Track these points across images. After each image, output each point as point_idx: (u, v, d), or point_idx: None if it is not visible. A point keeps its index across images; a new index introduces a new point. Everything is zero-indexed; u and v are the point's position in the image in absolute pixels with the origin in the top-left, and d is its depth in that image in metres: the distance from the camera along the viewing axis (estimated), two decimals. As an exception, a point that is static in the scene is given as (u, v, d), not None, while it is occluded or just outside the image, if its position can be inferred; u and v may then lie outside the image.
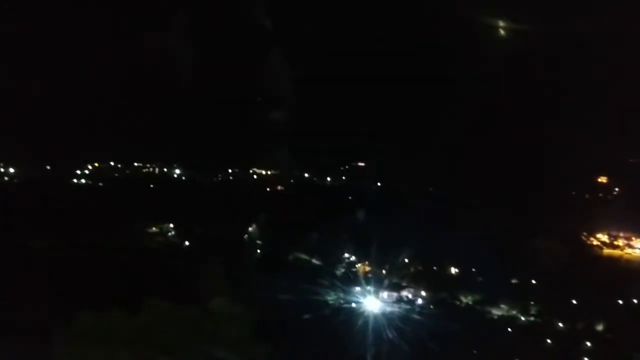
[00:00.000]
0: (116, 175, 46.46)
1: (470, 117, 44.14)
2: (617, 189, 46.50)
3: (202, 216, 41.27)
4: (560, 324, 36.90)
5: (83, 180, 45.38)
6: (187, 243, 40.94)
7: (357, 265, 39.70)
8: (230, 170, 46.91)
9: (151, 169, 47.36)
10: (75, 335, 10.51)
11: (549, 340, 35.68)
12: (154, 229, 41.21)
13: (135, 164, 47.02)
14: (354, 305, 34.65)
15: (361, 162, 48.84)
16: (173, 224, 41.61)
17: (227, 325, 12.11)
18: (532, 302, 38.20)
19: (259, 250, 40.90)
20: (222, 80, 39.70)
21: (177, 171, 47.25)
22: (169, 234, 41.56)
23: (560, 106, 44.42)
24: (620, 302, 38.33)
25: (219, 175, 46.64)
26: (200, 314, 12.17)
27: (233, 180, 46.87)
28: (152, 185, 45.73)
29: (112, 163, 46.50)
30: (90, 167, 45.83)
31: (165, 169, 47.35)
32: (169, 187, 45.43)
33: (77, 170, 45.20)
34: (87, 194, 43.66)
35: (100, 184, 44.97)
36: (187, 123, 42.24)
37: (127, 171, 46.54)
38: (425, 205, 41.75)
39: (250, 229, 41.63)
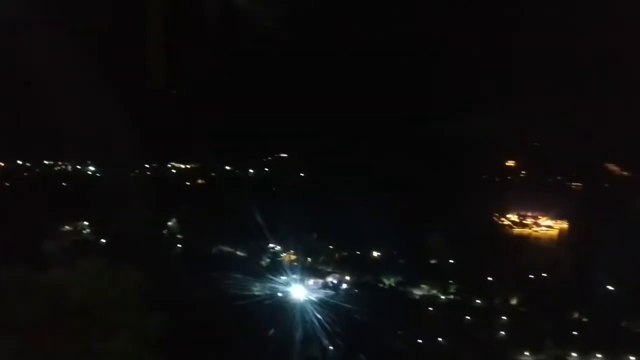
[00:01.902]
0: (25, 174, 43.94)
1: (384, 106, 45.56)
2: (523, 172, 49.52)
3: (118, 212, 39.75)
4: (478, 300, 38.58)
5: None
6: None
7: (282, 255, 39.72)
8: (147, 165, 45.50)
9: (63, 167, 45.18)
10: None
11: (468, 317, 37.13)
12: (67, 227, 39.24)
13: (46, 162, 44.79)
14: (279, 293, 34.73)
15: (284, 153, 49.01)
16: (88, 221, 39.89)
17: (100, 290, 11.37)
18: (450, 282, 39.64)
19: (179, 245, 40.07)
20: (137, 74, 38.31)
21: (92, 168, 45.32)
22: (84, 231, 39.81)
23: (471, 93, 46.38)
24: (531, 276, 40.55)
25: (136, 171, 45.09)
26: (63, 278, 11.25)
27: (151, 175, 45.50)
28: (64, 184, 43.58)
29: (19, 162, 43.98)
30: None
31: (78, 166, 45.28)
32: (83, 185, 43.35)
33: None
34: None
35: (7, 183, 42.26)
36: (100, 118, 40.37)
37: (37, 170, 44.17)
38: (347, 194, 42.56)
39: (169, 223, 40.80)
